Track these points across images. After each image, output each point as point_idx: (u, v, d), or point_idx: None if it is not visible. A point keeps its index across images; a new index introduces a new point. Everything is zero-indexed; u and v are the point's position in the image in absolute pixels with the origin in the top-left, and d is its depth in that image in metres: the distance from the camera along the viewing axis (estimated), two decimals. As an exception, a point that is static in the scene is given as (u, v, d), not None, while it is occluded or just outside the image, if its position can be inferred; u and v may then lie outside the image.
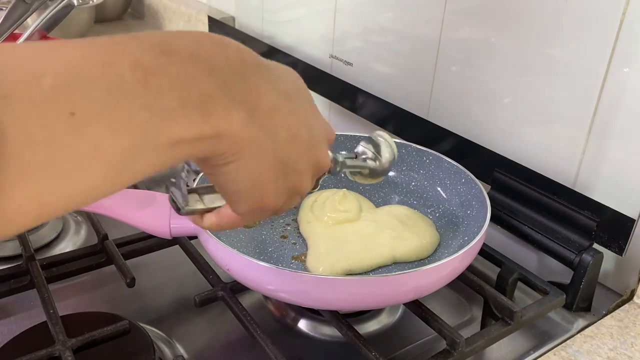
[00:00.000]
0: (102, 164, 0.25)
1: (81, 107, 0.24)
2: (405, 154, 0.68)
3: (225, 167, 0.32)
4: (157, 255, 0.61)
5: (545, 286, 0.56)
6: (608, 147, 0.56)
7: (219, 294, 0.53)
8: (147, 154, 0.27)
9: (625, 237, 0.55)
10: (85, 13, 1.29)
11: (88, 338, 0.48)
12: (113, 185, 0.27)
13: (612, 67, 0.54)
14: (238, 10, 1.13)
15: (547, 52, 0.58)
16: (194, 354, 0.54)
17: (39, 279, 0.54)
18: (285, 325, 0.58)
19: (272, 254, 0.59)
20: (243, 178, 0.33)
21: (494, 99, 0.65)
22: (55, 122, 0.23)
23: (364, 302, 0.50)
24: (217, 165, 0.32)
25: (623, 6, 0.52)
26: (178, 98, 0.27)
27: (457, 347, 0.47)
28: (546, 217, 0.59)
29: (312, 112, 0.39)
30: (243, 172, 0.33)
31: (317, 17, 0.89)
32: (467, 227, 0.60)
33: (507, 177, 0.63)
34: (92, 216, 0.63)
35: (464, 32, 0.67)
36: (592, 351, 0.51)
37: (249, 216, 0.38)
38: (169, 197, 0.41)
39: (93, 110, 0.24)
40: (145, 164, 0.27)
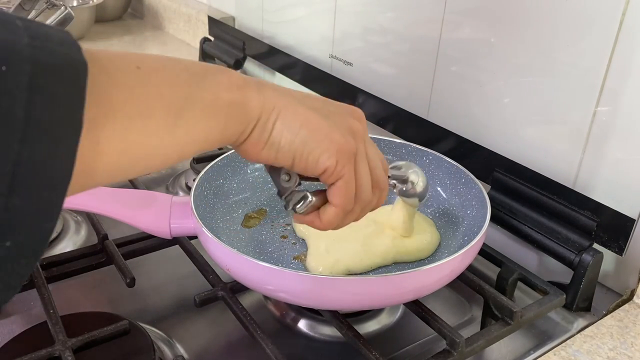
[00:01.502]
0: (163, 108, 0.31)
1: (143, 64, 0.31)
2: (405, 154, 0.68)
3: (275, 130, 0.37)
4: (157, 255, 0.61)
5: (545, 286, 0.56)
6: (608, 147, 0.56)
7: (219, 294, 0.53)
8: (195, 106, 0.33)
9: (625, 237, 0.55)
10: (85, 13, 1.29)
11: (88, 338, 0.48)
12: (173, 132, 0.32)
13: (612, 67, 0.54)
14: (238, 10, 1.13)
15: (547, 52, 0.58)
16: (194, 354, 0.54)
17: (39, 279, 0.54)
18: (285, 325, 0.58)
19: (272, 254, 0.59)
20: (295, 124, 0.37)
21: (494, 99, 0.65)
22: (127, 71, 0.30)
23: (364, 302, 0.50)
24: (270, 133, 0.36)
25: (623, 6, 0.52)
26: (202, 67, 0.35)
27: (457, 347, 0.47)
28: (546, 217, 0.59)
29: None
30: (290, 120, 0.37)
31: (317, 17, 0.89)
32: (467, 227, 0.60)
33: (507, 177, 0.63)
34: (92, 216, 0.63)
35: (464, 32, 0.67)
36: (592, 351, 0.51)
37: (346, 171, 0.39)
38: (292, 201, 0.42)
39: (151, 67, 0.32)
40: (194, 116, 0.33)
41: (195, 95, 0.33)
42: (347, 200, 0.40)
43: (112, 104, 0.29)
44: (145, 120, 0.30)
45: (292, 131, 0.37)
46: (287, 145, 0.37)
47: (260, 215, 0.64)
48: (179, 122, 0.32)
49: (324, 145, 0.38)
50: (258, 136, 0.36)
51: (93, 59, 0.27)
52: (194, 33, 1.32)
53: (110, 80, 0.29)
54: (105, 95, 0.28)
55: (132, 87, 0.30)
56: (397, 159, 0.68)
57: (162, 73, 0.32)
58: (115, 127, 0.29)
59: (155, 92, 0.31)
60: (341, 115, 0.40)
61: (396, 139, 0.69)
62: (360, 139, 0.40)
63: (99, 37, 1.36)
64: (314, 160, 0.38)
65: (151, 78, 0.31)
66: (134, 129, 0.30)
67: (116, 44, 1.33)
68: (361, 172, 0.41)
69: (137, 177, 0.73)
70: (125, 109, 0.29)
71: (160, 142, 0.31)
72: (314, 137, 0.37)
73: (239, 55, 1.08)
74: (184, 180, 0.80)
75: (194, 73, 0.34)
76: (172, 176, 0.82)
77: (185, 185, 0.79)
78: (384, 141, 0.69)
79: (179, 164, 0.86)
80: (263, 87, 0.37)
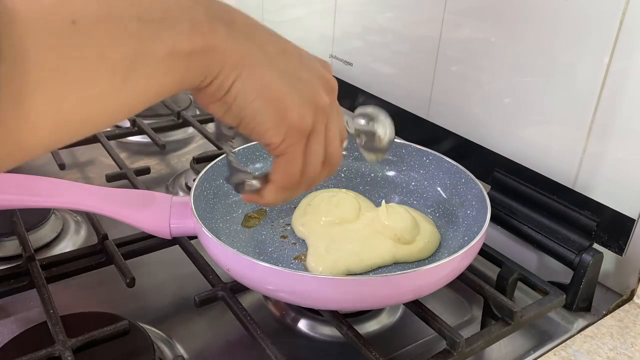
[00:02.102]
0: (107, 70, 0.27)
1: (80, 17, 0.26)
2: (405, 154, 0.68)
3: (232, 91, 0.33)
4: (157, 255, 0.61)
5: (545, 286, 0.56)
6: (608, 147, 0.56)
7: (219, 294, 0.53)
8: (147, 63, 0.29)
9: (625, 237, 0.55)
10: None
11: (88, 338, 0.48)
12: (119, 95, 0.28)
13: (612, 67, 0.54)
14: (238, 10, 1.13)
15: (547, 52, 0.58)
16: (194, 354, 0.54)
17: (39, 279, 0.54)
18: (285, 325, 0.58)
19: (272, 254, 0.59)
20: (252, 91, 0.34)
21: (494, 99, 0.65)
22: (60, 29, 0.25)
23: (364, 302, 0.50)
24: (226, 92, 0.33)
25: (623, 6, 0.52)
26: (161, 10, 0.29)
27: (457, 347, 0.47)
28: (546, 217, 0.59)
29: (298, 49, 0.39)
30: (250, 85, 0.33)
31: (317, 17, 0.89)
32: (467, 227, 0.60)
33: (507, 177, 0.63)
34: (92, 216, 0.63)
35: (464, 32, 0.67)
36: (592, 351, 0.51)
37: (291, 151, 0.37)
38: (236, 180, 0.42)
39: (91, 20, 0.27)
40: (146, 74, 0.29)
41: (146, 50, 0.29)
42: (286, 178, 0.39)
43: (40, 72, 0.25)
44: (83, 87, 0.27)
45: (246, 98, 0.34)
46: (237, 110, 0.34)
47: (260, 215, 0.64)
48: (127, 83, 0.28)
49: (275, 120, 0.35)
50: (213, 91, 0.34)
51: (13, 16, 0.24)
52: (194, 33, 1.32)
53: (37, 43, 0.25)
54: (33, 61, 0.24)
55: (66, 50, 0.26)
56: (397, 159, 0.68)
57: (105, 25, 0.27)
58: (47, 98, 0.25)
59: (95, 52, 0.27)
60: (310, 85, 0.37)
61: (396, 139, 0.69)
62: (321, 115, 0.37)
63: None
64: (260, 132, 0.36)
65: (91, 35, 0.26)
66: (71, 97, 0.26)
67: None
68: (313, 150, 0.38)
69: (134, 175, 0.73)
70: (58, 76, 0.25)
71: (103, 106, 0.28)
72: (267, 109, 0.34)
73: (239, 55, 1.08)
74: (184, 180, 0.80)
75: (147, 20, 0.29)
76: (172, 176, 0.82)
77: (185, 185, 0.79)
78: (384, 141, 0.68)
79: (178, 165, 0.86)
80: (233, 31, 0.33)
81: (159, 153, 0.88)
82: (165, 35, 0.29)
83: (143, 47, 0.28)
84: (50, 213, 0.68)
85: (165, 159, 0.88)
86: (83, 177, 0.81)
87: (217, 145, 0.81)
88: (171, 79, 0.30)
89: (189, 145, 0.93)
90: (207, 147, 0.86)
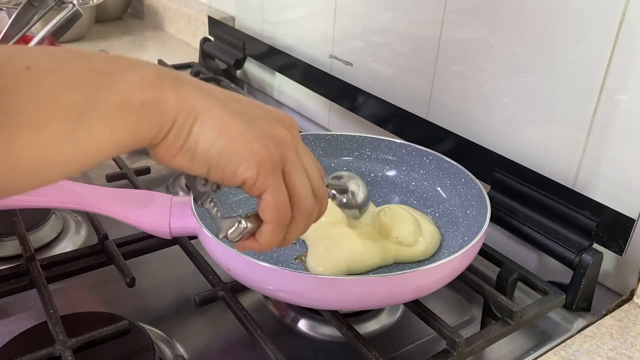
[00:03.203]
0: (60, 114, 0.28)
1: (34, 65, 0.28)
2: (405, 154, 0.68)
3: (192, 135, 0.33)
4: (157, 255, 0.61)
5: (545, 286, 0.56)
6: (608, 147, 0.56)
7: (219, 294, 0.53)
8: (99, 110, 0.29)
9: (625, 237, 0.55)
10: (86, 13, 1.29)
11: (88, 338, 0.48)
12: (72, 141, 0.29)
13: (612, 67, 0.54)
14: (238, 10, 1.13)
15: (547, 52, 0.58)
16: (194, 354, 0.54)
17: (39, 279, 0.54)
18: (285, 325, 0.58)
19: (272, 254, 0.59)
20: (213, 131, 0.34)
21: (494, 99, 0.65)
22: (15, 73, 0.27)
23: (364, 302, 0.50)
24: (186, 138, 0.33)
25: (623, 6, 0.52)
26: (110, 65, 0.31)
27: (457, 347, 0.47)
28: (546, 217, 0.59)
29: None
30: (208, 125, 0.33)
31: (317, 17, 0.89)
32: (467, 227, 0.60)
33: (507, 177, 0.63)
34: (92, 216, 0.63)
35: (464, 32, 0.67)
36: (592, 351, 0.51)
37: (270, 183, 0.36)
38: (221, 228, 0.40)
39: (45, 68, 0.28)
40: (98, 120, 0.30)
41: (98, 98, 0.29)
42: (279, 214, 0.37)
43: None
44: (36, 128, 0.27)
45: (209, 138, 0.33)
46: (202, 154, 0.34)
47: (260, 215, 0.64)
48: (80, 128, 0.29)
49: (242, 156, 0.34)
50: (172, 141, 0.33)
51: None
52: (194, 33, 1.32)
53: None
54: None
55: (19, 92, 0.27)
56: (397, 159, 0.69)
57: (57, 73, 0.29)
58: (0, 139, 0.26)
59: (49, 96, 0.28)
60: (267, 122, 0.37)
61: (396, 139, 0.69)
62: (288, 148, 0.37)
63: (99, 37, 1.36)
64: (231, 172, 0.35)
65: (44, 80, 0.28)
66: (22, 138, 0.27)
67: (116, 44, 1.33)
68: (297, 181, 0.38)
69: (134, 175, 0.73)
70: (12, 117, 0.26)
71: (57, 151, 0.28)
72: (232, 146, 0.34)
73: (239, 55, 1.08)
74: (184, 180, 0.80)
75: (98, 71, 0.30)
76: (172, 176, 0.82)
77: (185, 185, 0.79)
78: (384, 141, 0.69)
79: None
80: (181, 84, 0.33)
81: (159, 153, 0.87)
82: (116, 85, 0.30)
83: (94, 94, 0.29)
84: (50, 213, 0.68)
85: (165, 159, 0.88)
86: (83, 177, 0.81)
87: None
88: (125, 129, 0.31)
89: (189, 145, 0.92)
90: (207, 147, 0.86)
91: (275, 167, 0.36)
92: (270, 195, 0.36)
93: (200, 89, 0.35)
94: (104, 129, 0.30)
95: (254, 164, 0.35)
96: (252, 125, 0.35)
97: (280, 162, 0.36)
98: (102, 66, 0.31)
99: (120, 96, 0.30)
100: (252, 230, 0.39)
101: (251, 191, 0.36)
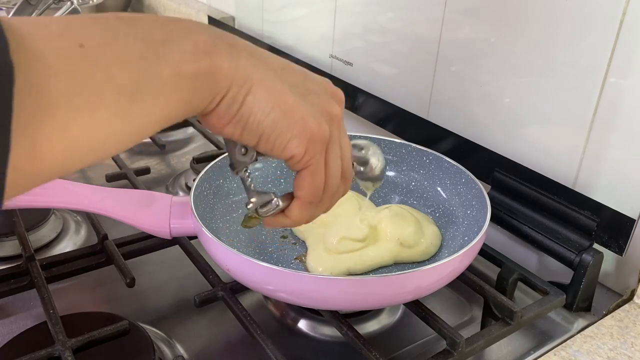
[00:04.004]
0: (114, 93, 0.27)
1: (87, 40, 0.26)
2: (405, 154, 0.68)
3: (245, 106, 0.32)
4: (157, 255, 0.61)
5: (545, 286, 0.56)
6: (608, 147, 0.56)
7: (219, 294, 0.53)
8: (152, 84, 0.28)
9: (625, 237, 0.55)
10: (86, 13, 1.29)
11: (88, 338, 0.48)
12: (127, 118, 0.28)
13: (612, 67, 0.54)
14: (238, 10, 1.13)
15: (547, 52, 0.58)
16: (194, 354, 0.54)
17: (39, 279, 0.54)
18: (285, 325, 0.58)
19: (272, 254, 0.59)
20: (267, 102, 0.33)
21: (494, 99, 0.65)
22: (69, 53, 0.25)
23: (364, 302, 0.50)
24: (239, 108, 0.32)
25: (623, 6, 0.52)
26: (163, 32, 0.30)
27: (457, 347, 0.47)
28: (546, 217, 0.59)
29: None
30: (263, 97, 0.33)
31: (317, 17, 0.89)
32: (467, 227, 0.60)
33: (507, 177, 0.63)
34: (92, 216, 0.63)
35: (464, 32, 0.67)
36: (592, 351, 0.51)
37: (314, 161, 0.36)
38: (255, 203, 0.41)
39: (98, 43, 0.27)
40: (152, 94, 0.28)
41: (153, 71, 0.28)
42: (312, 191, 0.38)
43: (50, 97, 0.24)
44: (92, 109, 0.26)
45: (263, 110, 0.33)
46: (254, 125, 0.33)
47: (260, 216, 0.64)
48: (134, 104, 0.28)
49: (295, 131, 0.34)
50: (225, 109, 0.32)
51: (23, 45, 0.23)
52: (194, 33, 1.32)
53: (47, 68, 0.24)
54: (42, 89, 0.24)
55: (75, 72, 0.25)
56: (397, 159, 0.68)
57: (111, 48, 0.27)
58: (55, 124, 0.25)
59: (103, 74, 0.26)
60: (320, 96, 0.37)
61: (396, 139, 0.69)
62: (336, 125, 0.37)
63: (99, 37, 1.36)
64: (281, 146, 0.34)
65: (98, 57, 0.26)
66: (79, 122, 0.26)
67: (116, 44, 1.33)
68: (332, 160, 0.38)
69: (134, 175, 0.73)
70: (67, 101, 0.25)
71: (111, 130, 0.27)
72: (285, 120, 0.34)
73: (239, 55, 1.08)
74: (184, 180, 0.80)
75: (151, 41, 0.29)
76: (172, 176, 0.82)
77: (185, 185, 0.79)
78: (384, 141, 0.69)
79: (178, 165, 0.86)
80: (236, 51, 0.32)
81: (159, 153, 0.88)
82: (169, 56, 0.29)
83: (149, 67, 0.28)
84: (50, 213, 0.68)
85: (165, 159, 0.88)
86: (83, 177, 0.81)
87: (217, 145, 0.81)
88: (178, 100, 0.30)
89: (189, 145, 0.93)
90: (207, 147, 0.86)
91: (322, 145, 0.36)
92: (310, 172, 0.37)
93: (255, 56, 0.34)
94: (157, 102, 0.29)
95: (305, 140, 0.35)
96: (305, 100, 0.35)
97: (328, 141, 0.36)
98: (155, 34, 0.29)
99: (174, 68, 0.29)
100: (283, 208, 0.40)
101: (295, 166, 0.36)
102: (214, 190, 0.62)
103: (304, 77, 0.37)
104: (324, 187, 0.38)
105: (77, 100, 0.25)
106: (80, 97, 0.26)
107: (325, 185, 0.38)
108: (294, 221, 0.40)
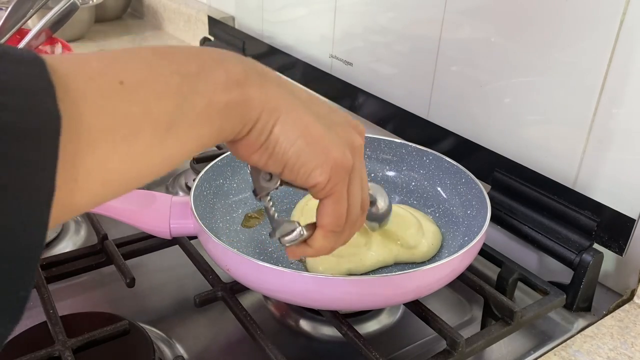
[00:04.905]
0: (150, 126, 0.28)
1: (127, 77, 0.27)
2: (405, 154, 0.68)
3: (273, 135, 0.34)
4: (157, 255, 0.61)
5: (545, 286, 0.56)
6: (608, 147, 0.56)
7: (219, 294, 0.53)
8: (186, 116, 0.29)
9: (625, 237, 0.55)
10: (86, 13, 1.29)
11: (88, 338, 0.48)
12: (162, 150, 0.29)
13: (612, 67, 0.54)
14: (238, 10, 1.13)
15: (547, 52, 0.58)
16: (194, 354, 0.54)
17: (39, 279, 0.54)
18: (285, 325, 0.58)
19: (272, 254, 0.59)
20: (293, 132, 0.34)
21: (494, 99, 0.65)
22: (110, 91, 0.26)
23: (364, 302, 0.50)
24: (267, 138, 0.34)
25: (623, 6, 0.52)
26: (197, 64, 0.31)
27: (457, 347, 0.47)
28: (546, 217, 0.59)
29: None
30: (290, 127, 0.34)
31: (317, 17, 0.89)
32: (467, 227, 0.60)
33: (507, 177, 0.63)
34: (92, 216, 0.63)
35: (464, 32, 0.67)
36: (592, 351, 0.51)
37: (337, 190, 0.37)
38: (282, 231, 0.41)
39: (137, 79, 0.28)
40: (186, 126, 0.30)
41: (188, 103, 0.30)
42: (335, 219, 0.38)
43: (90, 134, 0.25)
44: (130, 143, 0.27)
45: (288, 139, 0.34)
46: (280, 154, 0.34)
47: (260, 215, 0.64)
48: (169, 136, 0.29)
49: (319, 160, 0.35)
50: (254, 139, 0.34)
51: (67, 87, 0.24)
52: (193, 33, 1.32)
53: (89, 107, 0.25)
54: (83, 126, 0.25)
55: (115, 109, 0.26)
56: (397, 159, 0.68)
57: (149, 83, 0.28)
58: (95, 159, 0.26)
59: (141, 109, 0.27)
60: (344, 127, 0.38)
61: (396, 139, 0.69)
62: (358, 156, 0.38)
63: (99, 37, 1.36)
64: (305, 174, 0.35)
65: (137, 93, 0.28)
66: (117, 155, 0.27)
67: (115, 44, 1.33)
68: (354, 189, 0.38)
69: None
70: (106, 137, 0.26)
71: (147, 161, 0.28)
72: (310, 149, 0.35)
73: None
74: (184, 180, 0.80)
75: (186, 74, 0.30)
76: (172, 176, 0.82)
77: (185, 185, 0.79)
78: (384, 141, 0.68)
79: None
80: (266, 81, 0.34)
81: (159, 153, 0.87)
82: (204, 86, 0.30)
83: (183, 100, 0.29)
84: (50, 213, 0.68)
85: (165, 159, 0.88)
86: (83, 177, 0.81)
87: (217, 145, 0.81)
88: (210, 130, 0.31)
89: (189, 145, 0.92)
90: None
91: (345, 174, 0.37)
92: (333, 201, 0.37)
93: (284, 86, 0.35)
94: (191, 132, 0.30)
95: (329, 169, 0.35)
96: (330, 130, 0.36)
97: (351, 170, 0.37)
98: (189, 66, 0.30)
99: (208, 99, 0.30)
100: (306, 238, 0.40)
101: (318, 194, 0.37)
102: (214, 190, 0.62)
103: (329, 109, 0.38)
104: (346, 216, 0.39)
105: (116, 135, 0.26)
106: (120, 133, 0.27)
107: (347, 214, 0.39)
108: (316, 250, 0.40)
